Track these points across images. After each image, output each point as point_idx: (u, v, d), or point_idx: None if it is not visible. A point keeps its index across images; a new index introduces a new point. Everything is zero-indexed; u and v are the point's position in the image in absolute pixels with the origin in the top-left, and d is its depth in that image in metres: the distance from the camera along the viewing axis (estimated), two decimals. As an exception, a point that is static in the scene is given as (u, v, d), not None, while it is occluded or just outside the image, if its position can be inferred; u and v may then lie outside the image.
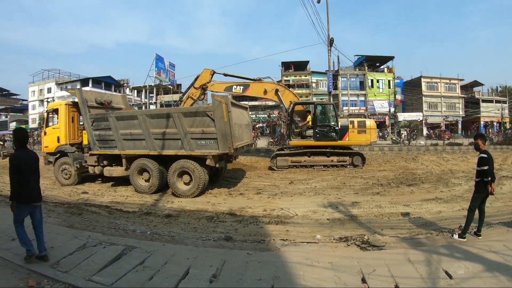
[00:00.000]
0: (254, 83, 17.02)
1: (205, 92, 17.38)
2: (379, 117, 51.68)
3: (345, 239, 6.06)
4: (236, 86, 16.77)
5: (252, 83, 16.99)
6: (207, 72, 16.78)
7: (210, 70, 16.80)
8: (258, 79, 17.16)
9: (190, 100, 16.89)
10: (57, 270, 4.60)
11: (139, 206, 9.66)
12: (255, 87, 16.97)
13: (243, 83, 16.91)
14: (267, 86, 16.94)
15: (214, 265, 4.69)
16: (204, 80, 16.68)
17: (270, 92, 16.77)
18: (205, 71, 16.85)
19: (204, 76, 16.72)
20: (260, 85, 17.04)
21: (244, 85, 16.79)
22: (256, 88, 16.96)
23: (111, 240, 5.79)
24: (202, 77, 16.79)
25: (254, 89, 16.90)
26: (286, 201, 9.91)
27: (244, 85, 16.79)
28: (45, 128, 13.83)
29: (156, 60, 54.79)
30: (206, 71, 16.83)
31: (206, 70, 16.82)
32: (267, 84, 17.09)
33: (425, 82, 55.47)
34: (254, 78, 17.09)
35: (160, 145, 11.05)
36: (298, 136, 16.84)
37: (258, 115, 53.21)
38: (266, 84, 17.12)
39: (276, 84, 17.30)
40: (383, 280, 4.17)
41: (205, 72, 16.83)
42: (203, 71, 16.87)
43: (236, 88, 16.79)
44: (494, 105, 56.55)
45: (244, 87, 16.79)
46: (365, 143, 17.16)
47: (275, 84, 17.44)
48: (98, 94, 13.90)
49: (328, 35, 25.34)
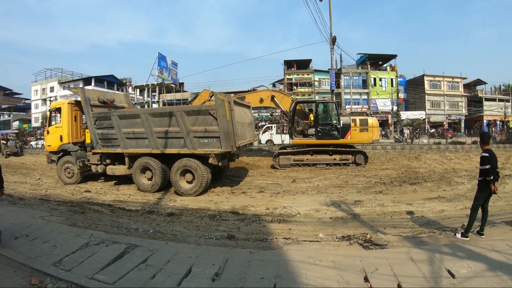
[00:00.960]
0: (249, 94, 17.49)
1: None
2: (381, 115, 51.56)
3: (347, 238, 6.05)
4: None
5: (247, 94, 17.44)
6: (207, 93, 16.98)
7: (210, 91, 16.98)
8: (253, 89, 17.43)
9: None
10: (59, 268, 4.62)
11: (142, 204, 9.68)
12: (250, 98, 17.21)
13: (238, 96, 16.99)
14: (262, 94, 17.32)
15: (216, 263, 4.70)
16: (203, 99, 16.77)
17: (266, 100, 17.13)
18: (204, 91, 17.14)
19: (204, 96, 16.87)
20: (254, 94, 17.43)
21: (240, 98, 16.89)
22: (251, 99, 17.17)
23: (113, 239, 5.80)
24: (201, 96, 16.97)
25: (249, 100, 17.03)
26: (288, 199, 9.90)
27: (240, 98, 16.89)
28: (48, 127, 13.87)
29: (159, 58, 54.77)
30: (205, 91, 17.08)
31: (206, 91, 17.08)
32: (261, 93, 17.50)
33: (428, 81, 55.25)
34: (248, 89, 17.35)
35: (163, 144, 11.06)
36: (300, 134, 16.84)
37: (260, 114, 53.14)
38: (261, 92, 17.53)
39: (271, 91, 17.71)
40: (386, 279, 4.16)
41: (205, 92, 17.07)
42: (203, 92, 17.17)
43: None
44: (497, 104, 56.30)
45: (240, 99, 16.94)
46: (367, 142, 17.11)
47: (270, 90, 17.82)
48: (100, 93, 13.92)
49: (330, 34, 25.33)
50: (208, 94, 16.87)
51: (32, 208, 8.86)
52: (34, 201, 10.12)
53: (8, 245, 5.46)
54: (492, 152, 5.73)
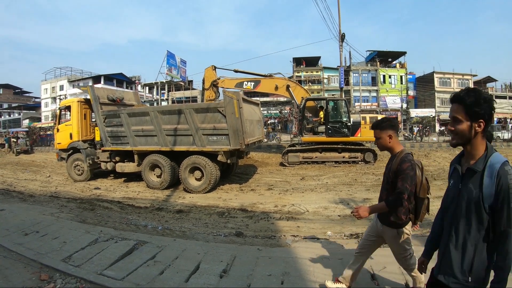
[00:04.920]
0: (265, 79, 16.99)
1: (217, 90, 17.27)
2: (391, 113, 51.10)
3: (356, 236, 6.04)
4: (247, 82, 16.81)
5: (263, 79, 16.97)
6: (209, 69, 16.85)
7: (211, 66, 16.87)
8: (269, 75, 17.10)
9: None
10: (69, 264, 4.66)
11: (151, 201, 9.73)
12: (266, 83, 16.94)
13: (254, 79, 16.93)
14: (278, 82, 16.89)
15: (224, 260, 4.71)
16: (210, 78, 16.73)
17: (281, 88, 16.73)
18: (206, 70, 16.97)
19: (209, 75, 16.78)
20: (271, 81, 17.00)
21: (255, 81, 16.81)
22: (267, 84, 16.94)
23: (122, 235, 5.84)
24: (207, 77, 16.86)
25: (265, 85, 16.88)
26: (297, 197, 9.87)
27: (255, 81, 16.81)
28: (58, 125, 14.00)
29: (168, 56, 54.89)
30: (207, 69, 16.94)
31: (207, 69, 16.92)
32: (278, 80, 17.02)
33: (438, 78, 54.65)
34: (265, 74, 17.03)
35: (172, 141, 11.10)
36: (310, 132, 16.76)
37: (269, 111, 53.08)
38: (277, 80, 17.05)
39: (287, 80, 17.21)
40: (393, 277, 4.13)
41: (207, 71, 16.92)
42: (205, 71, 17.02)
43: (247, 84, 16.82)
44: (508, 102, 55.46)
45: (255, 83, 16.81)
46: None
47: (286, 80, 17.31)
48: (110, 91, 14.03)
49: (339, 31, 25.24)
50: (211, 69, 16.81)
51: (42, 205, 8.95)
52: (44, 198, 10.23)
53: (18, 241, 5.52)
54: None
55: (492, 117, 2.01)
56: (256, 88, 16.91)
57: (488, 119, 1.98)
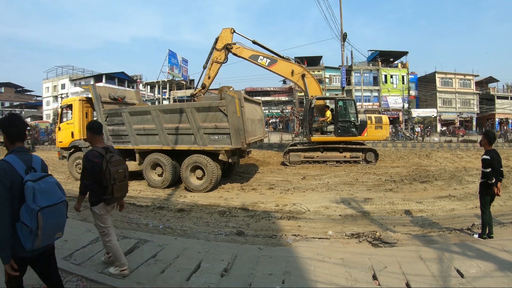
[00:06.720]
0: (283, 60, 16.46)
1: (227, 55, 16.20)
2: (392, 113, 51.10)
3: (357, 236, 6.05)
4: (263, 57, 16.13)
5: (280, 59, 16.41)
6: (227, 31, 15.84)
7: (230, 28, 15.84)
8: (287, 58, 16.70)
9: (216, 64, 16.11)
10: (70, 262, 4.69)
11: (152, 200, 9.76)
12: (283, 65, 16.42)
13: (271, 57, 16.26)
14: (295, 68, 16.48)
15: (225, 259, 4.73)
16: (225, 40, 15.76)
17: (297, 75, 16.32)
18: (224, 31, 15.88)
19: (225, 37, 15.81)
20: (288, 64, 16.55)
21: (272, 59, 16.17)
22: (283, 66, 16.41)
23: (124, 234, 5.87)
24: (222, 37, 15.84)
25: (281, 66, 16.33)
26: (298, 196, 9.89)
27: (272, 59, 16.17)
28: (60, 124, 14.02)
29: (169, 55, 54.96)
30: (225, 30, 15.87)
31: (225, 30, 15.88)
32: (295, 66, 16.62)
33: (440, 78, 54.55)
34: (283, 56, 16.54)
35: (173, 140, 11.12)
36: (317, 131, 16.67)
37: (271, 111, 53.06)
38: (295, 65, 16.64)
39: (304, 69, 16.77)
40: (394, 277, 4.15)
41: (224, 32, 15.87)
42: (222, 31, 15.91)
43: (262, 60, 16.11)
44: (510, 102, 55.39)
45: (271, 61, 16.16)
46: (381, 138, 17.35)
47: (303, 68, 16.82)
48: (111, 90, 14.02)
49: (341, 30, 25.25)
50: (229, 32, 15.82)
51: (44, 203, 8.94)
52: (46, 196, 10.22)
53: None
54: (494, 154, 5.55)
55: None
56: (271, 66, 16.19)
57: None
